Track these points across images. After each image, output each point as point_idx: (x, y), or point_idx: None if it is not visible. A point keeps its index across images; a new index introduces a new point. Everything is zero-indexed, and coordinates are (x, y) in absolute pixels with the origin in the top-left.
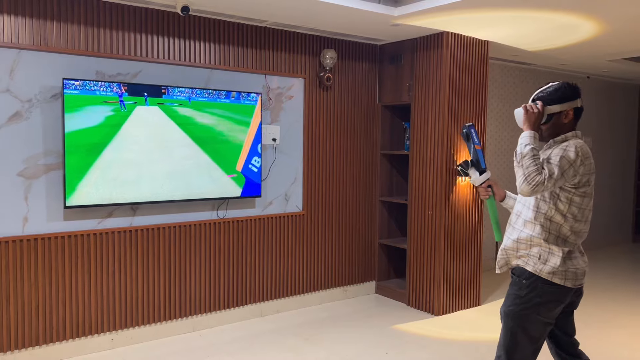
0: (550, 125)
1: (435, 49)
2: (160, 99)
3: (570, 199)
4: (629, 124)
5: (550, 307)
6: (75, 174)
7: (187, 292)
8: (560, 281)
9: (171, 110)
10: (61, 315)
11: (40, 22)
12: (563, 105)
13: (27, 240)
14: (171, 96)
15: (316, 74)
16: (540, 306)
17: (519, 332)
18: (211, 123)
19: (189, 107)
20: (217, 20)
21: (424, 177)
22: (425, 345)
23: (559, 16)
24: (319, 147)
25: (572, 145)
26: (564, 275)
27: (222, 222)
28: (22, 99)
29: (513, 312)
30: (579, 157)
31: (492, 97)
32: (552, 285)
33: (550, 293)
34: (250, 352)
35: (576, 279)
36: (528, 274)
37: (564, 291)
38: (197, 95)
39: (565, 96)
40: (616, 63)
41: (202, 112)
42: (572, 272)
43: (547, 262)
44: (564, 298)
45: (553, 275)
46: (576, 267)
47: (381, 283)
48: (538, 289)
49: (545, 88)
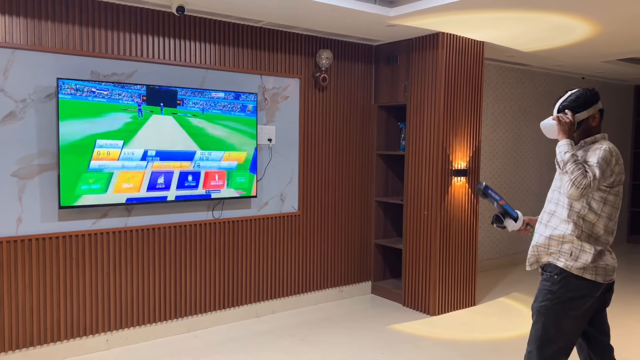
0: (580, 132)
1: (431, 50)
2: (175, 109)
3: (605, 199)
4: (623, 125)
5: (581, 301)
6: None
7: (182, 293)
8: (591, 276)
9: (184, 120)
10: (56, 316)
11: (34, 21)
12: (589, 111)
13: (22, 241)
14: (185, 107)
15: (312, 74)
16: (572, 301)
17: (551, 327)
18: (223, 135)
19: (202, 118)
20: (212, 20)
21: (419, 178)
22: (421, 345)
23: (554, 17)
24: (314, 148)
25: (606, 146)
26: (595, 270)
27: (218, 222)
28: (16, 99)
29: (545, 307)
30: (613, 157)
31: (488, 98)
32: (583, 280)
33: (582, 288)
34: (246, 353)
35: (606, 274)
36: (559, 269)
37: (595, 286)
38: (210, 107)
39: (588, 101)
40: (611, 64)
41: (215, 124)
42: (602, 268)
43: (578, 259)
44: (594, 292)
45: (584, 271)
46: (606, 263)
47: (377, 283)
48: (570, 284)
49: (568, 97)
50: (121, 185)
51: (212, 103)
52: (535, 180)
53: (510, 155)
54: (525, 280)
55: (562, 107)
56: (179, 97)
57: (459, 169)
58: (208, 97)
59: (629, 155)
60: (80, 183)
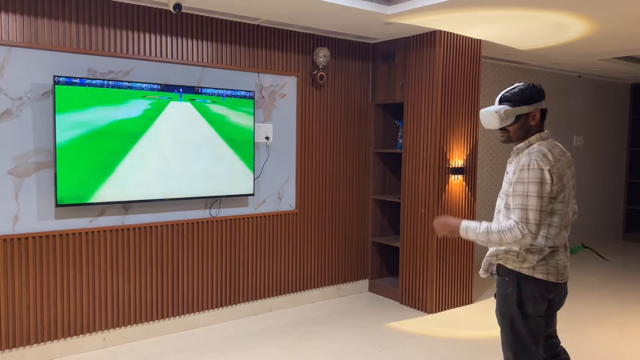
0: (518, 127)
1: (428, 48)
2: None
3: (552, 211)
4: (619, 123)
5: (534, 301)
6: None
7: (180, 291)
8: (542, 276)
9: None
10: (52, 314)
11: (31, 19)
12: (531, 107)
13: (18, 239)
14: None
15: (309, 72)
16: (526, 302)
17: (516, 329)
18: (244, 123)
19: (223, 104)
20: (209, 18)
21: (416, 176)
22: (418, 343)
23: (550, 15)
24: (312, 146)
25: (533, 160)
26: (546, 269)
27: (215, 220)
28: (13, 97)
29: (504, 310)
30: (544, 170)
31: (485, 96)
32: (533, 279)
33: (533, 288)
34: (243, 351)
35: (558, 273)
36: (508, 270)
37: (548, 286)
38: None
39: (532, 97)
40: (607, 62)
41: (237, 111)
42: (554, 267)
43: (525, 260)
44: (547, 293)
45: (534, 271)
46: (557, 261)
47: (374, 281)
48: (521, 285)
49: (512, 89)
50: (120, 185)
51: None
52: None
53: (507, 153)
54: None
55: (504, 97)
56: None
57: (456, 167)
58: None
59: (625, 153)
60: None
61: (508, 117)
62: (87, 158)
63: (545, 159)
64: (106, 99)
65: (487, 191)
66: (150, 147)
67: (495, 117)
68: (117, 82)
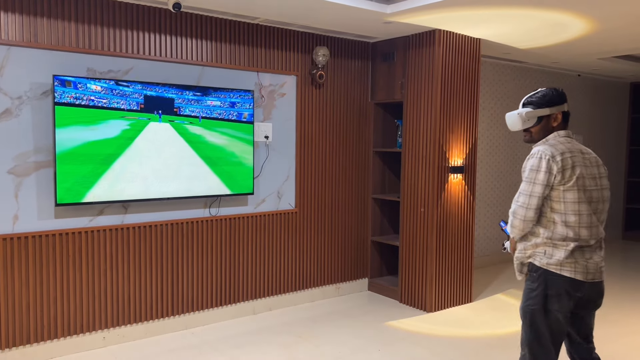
0: (540, 128)
1: (428, 47)
2: (172, 117)
3: (563, 197)
4: (619, 122)
5: (560, 298)
6: (85, 183)
7: (179, 290)
8: (569, 273)
9: (182, 128)
10: (52, 313)
11: (30, 18)
12: (552, 109)
13: (18, 238)
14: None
15: (308, 71)
16: (551, 298)
17: (537, 326)
18: (222, 143)
19: (200, 125)
20: (208, 17)
21: (416, 175)
22: (418, 341)
23: (550, 14)
24: (311, 145)
25: (537, 151)
26: (574, 267)
27: (214, 219)
28: (12, 96)
29: (528, 306)
30: (542, 159)
31: (484, 95)
32: (560, 277)
33: (559, 284)
34: (243, 350)
35: (587, 272)
36: (536, 267)
37: (574, 284)
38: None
39: (553, 100)
40: (607, 61)
41: (213, 132)
42: (583, 265)
43: (552, 257)
44: (574, 291)
45: (561, 268)
46: (587, 260)
47: (374, 280)
48: (548, 281)
49: (534, 93)
50: (117, 185)
51: (208, 110)
52: None
53: (506, 152)
54: None
55: (527, 101)
56: (176, 105)
57: (455, 165)
58: (204, 105)
59: (624, 152)
60: (93, 191)
61: (530, 118)
62: (87, 159)
63: (548, 148)
64: (89, 119)
65: (487, 190)
66: (145, 151)
67: (517, 119)
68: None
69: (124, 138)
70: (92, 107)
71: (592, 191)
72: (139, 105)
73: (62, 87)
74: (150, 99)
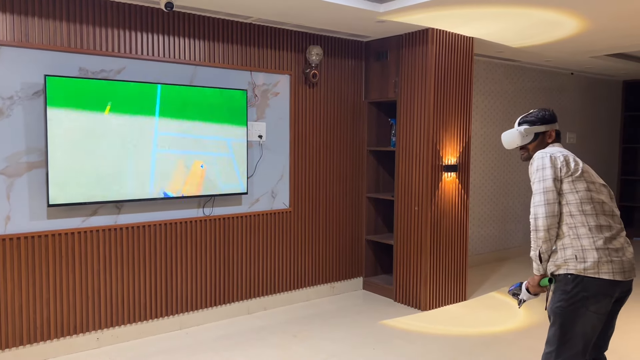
0: (536, 144)
1: (421, 46)
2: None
3: (574, 187)
4: (612, 120)
5: (598, 299)
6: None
7: (173, 290)
8: (607, 275)
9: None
10: (45, 314)
11: (21, 18)
12: (547, 126)
13: (10, 239)
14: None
15: (302, 70)
16: (588, 299)
17: (569, 328)
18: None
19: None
20: (201, 16)
21: (410, 173)
22: (412, 340)
23: (542, 13)
24: (305, 144)
25: (537, 155)
26: (611, 267)
27: (208, 219)
28: (3, 96)
29: (561, 307)
30: (545, 158)
31: (477, 94)
32: (599, 280)
33: (597, 286)
34: (238, 350)
35: (623, 270)
36: (572, 275)
37: (612, 284)
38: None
39: (547, 118)
40: (599, 59)
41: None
42: (618, 262)
43: (586, 260)
44: (612, 291)
45: (599, 270)
46: (620, 257)
47: (368, 279)
48: (584, 283)
49: (529, 113)
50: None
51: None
52: (525, 175)
53: (500, 151)
54: (515, 274)
55: (523, 120)
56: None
57: (449, 164)
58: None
59: (617, 150)
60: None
61: (528, 134)
62: (79, 158)
63: (547, 150)
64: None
65: (481, 189)
66: (140, 149)
67: (517, 135)
68: None
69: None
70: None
71: (601, 185)
72: (132, 104)
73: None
74: (143, 98)
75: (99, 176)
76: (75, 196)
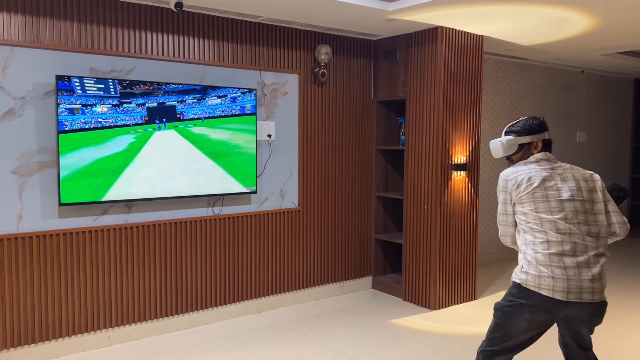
0: (520, 156)
1: (430, 44)
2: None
3: (522, 209)
4: (623, 118)
5: (535, 310)
6: (98, 192)
7: (183, 289)
8: (546, 292)
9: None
10: (57, 312)
11: (33, 18)
12: (533, 137)
13: (22, 238)
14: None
15: (311, 69)
16: (524, 306)
17: (501, 326)
18: (226, 138)
19: (203, 125)
20: (210, 16)
21: (419, 172)
22: (422, 339)
23: (553, 10)
24: (314, 143)
25: (501, 175)
26: (552, 283)
27: (218, 218)
28: (15, 96)
29: (501, 306)
30: (500, 181)
31: (487, 92)
32: (537, 293)
33: (535, 299)
34: (247, 348)
35: (568, 290)
36: (515, 283)
37: (551, 301)
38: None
39: (533, 128)
40: (610, 57)
41: (216, 129)
42: (562, 281)
43: (528, 272)
44: (552, 308)
45: (539, 285)
46: (568, 276)
47: (377, 278)
48: (525, 292)
49: (516, 122)
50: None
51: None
52: None
53: None
54: None
55: (509, 130)
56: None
57: (458, 163)
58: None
59: (629, 148)
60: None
61: (511, 146)
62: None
63: (509, 169)
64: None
65: (490, 187)
66: (152, 154)
67: (499, 147)
68: None
69: (131, 150)
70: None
71: (564, 201)
72: (143, 118)
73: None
74: (153, 110)
75: (109, 175)
76: (86, 195)
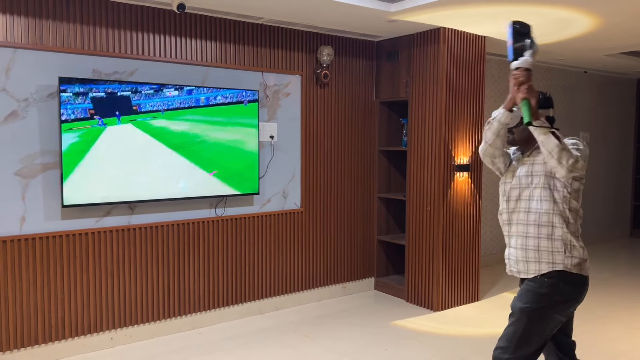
0: (522, 129)
1: (432, 45)
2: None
3: (578, 188)
4: (626, 118)
5: (567, 305)
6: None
7: (186, 290)
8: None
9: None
10: (60, 314)
11: (36, 20)
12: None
13: (25, 240)
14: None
15: (313, 70)
16: (558, 304)
17: (533, 329)
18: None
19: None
20: (213, 17)
21: (422, 173)
22: (424, 340)
23: (555, 11)
24: (316, 144)
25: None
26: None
27: (221, 219)
28: (18, 98)
29: (530, 309)
30: (586, 149)
31: (490, 93)
32: (577, 278)
33: (572, 291)
34: (250, 350)
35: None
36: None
37: (585, 285)
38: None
39: (540, 105)
40: (613, 57)
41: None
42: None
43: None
44: (583, 293)
45: (580, 268)
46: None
47: (380, 279)
48: (560, 287)
49: None
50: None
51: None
52: None
53: None
54: None
55: None
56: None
57: (461, 164)
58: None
59: (632, 148)
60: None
61: (513, 118)
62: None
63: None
64: None
65: (493, 188)
66: (148, 153)
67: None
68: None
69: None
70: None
71: (507, 184)
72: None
73: None
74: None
75: (112, 177)
76: (89, 197)
